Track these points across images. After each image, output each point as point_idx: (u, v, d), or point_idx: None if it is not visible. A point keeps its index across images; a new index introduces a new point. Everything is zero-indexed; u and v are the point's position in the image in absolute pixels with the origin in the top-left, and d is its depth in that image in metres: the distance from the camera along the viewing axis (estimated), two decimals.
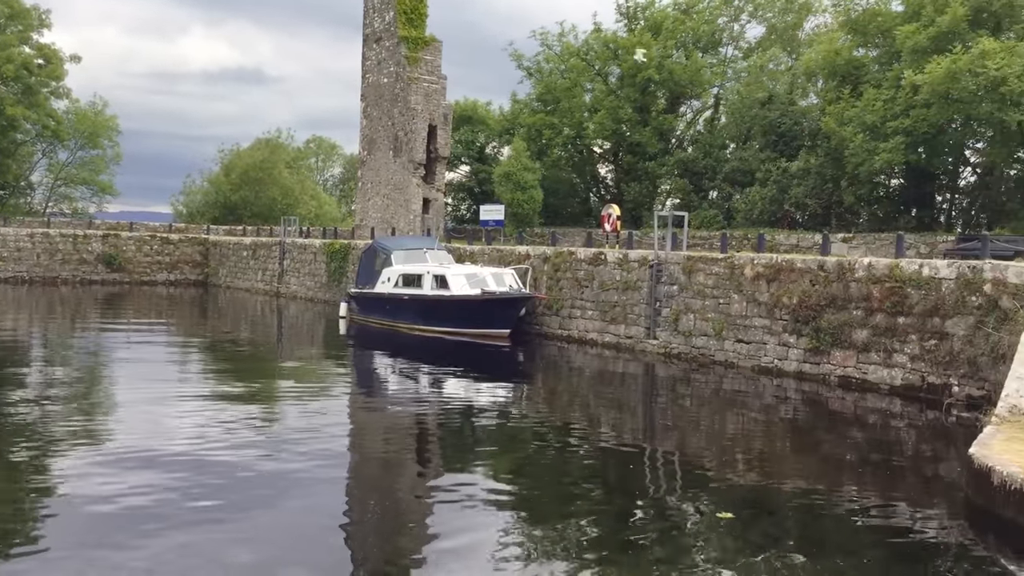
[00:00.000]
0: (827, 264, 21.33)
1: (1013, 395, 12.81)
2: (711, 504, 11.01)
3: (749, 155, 44.23)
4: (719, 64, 52.45)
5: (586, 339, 27.51)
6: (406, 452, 13.99)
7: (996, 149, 36.11)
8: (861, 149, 35.88)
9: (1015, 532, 9.50)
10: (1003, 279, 17.56)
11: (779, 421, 17.36)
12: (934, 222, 39.69)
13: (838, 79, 40.65)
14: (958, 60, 31.92)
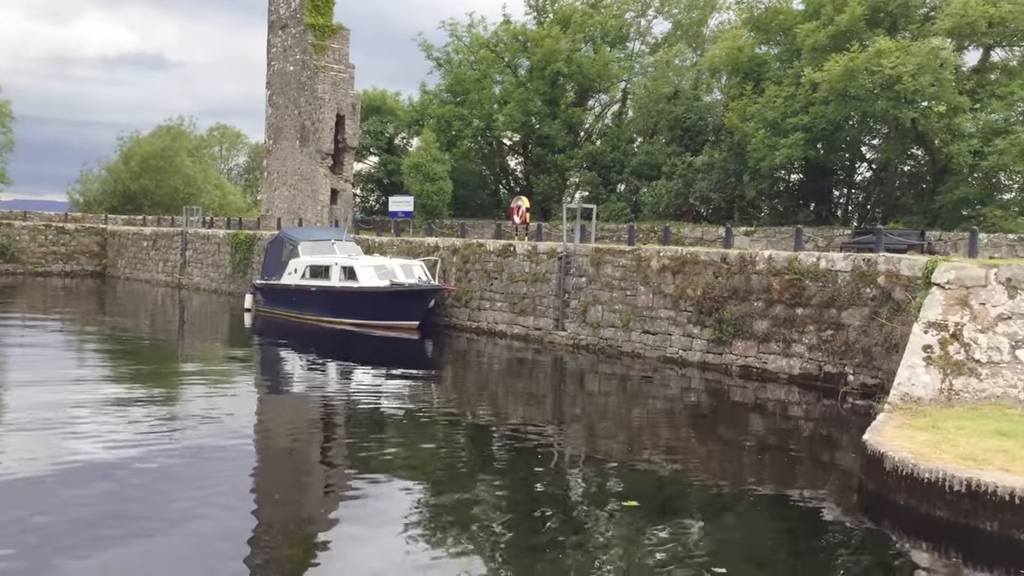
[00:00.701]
0: (730, 257, 21.82)
1: (905, 383, 13.33)
2: (616, 492, 11.17)
3: (656, 149, 44.92)
4: (627, 59, 53.07)
5: (495, 331, 27.58)
6: (313, 447, 13.82)
7: (891, 146, 37.45)
8: (762, 145, 36.78)
9: (906, 515, 9.90)
10: (896, 271, 18.22)
11: (683, 410, 17.71)
12: (832, 216, 40.95)
13: (741, 76, 41.57)
14: (855, 58, 32.95)
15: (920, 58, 32.08)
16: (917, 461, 9.95)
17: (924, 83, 32.04)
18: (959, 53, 35.60)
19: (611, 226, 39.90)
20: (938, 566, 9.07)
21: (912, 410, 12.66)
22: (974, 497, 9.27)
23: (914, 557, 9.36)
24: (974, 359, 13.30)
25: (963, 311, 13.81)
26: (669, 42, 51.84)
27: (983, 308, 13.74)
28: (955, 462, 9.84)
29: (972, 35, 34.63)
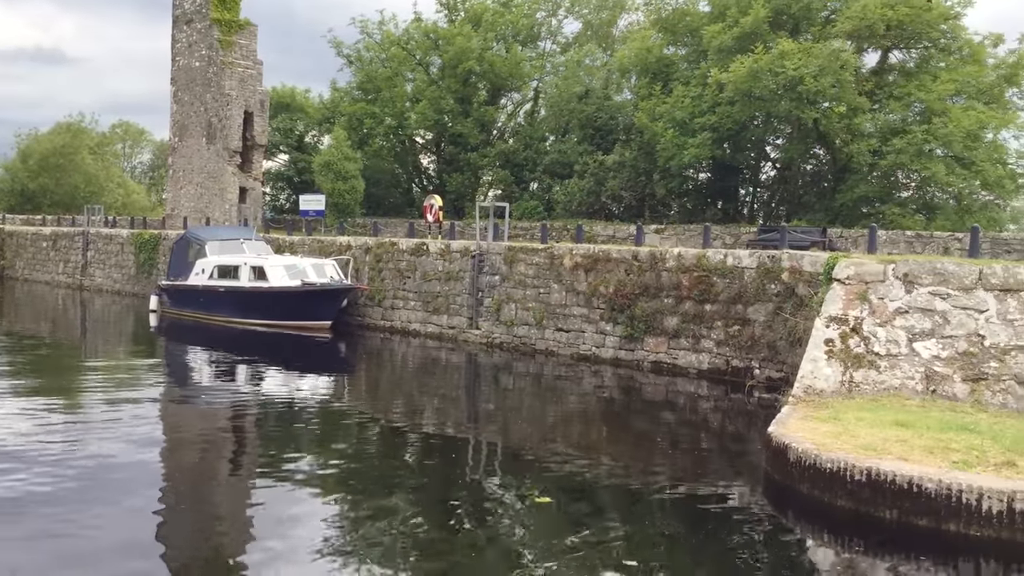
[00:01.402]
0: (641, 254, 22.14)
1: (808, 376, 13.72)
2: (531, 489, 11.24)
3: (568, 148, 45.26)
4: (538, 58, 53.36)
5: (409, 330, 27.46)
6: (222, 451, 13.56)
7: (793, 145, 38.47)
8: (671, 144, 37.39)
9: (809, 504, 10.20)
10: (799, 268, 18.75)
11: (596, 406, 17.92)
12: (738, 214, 41.88)
13: (650, 76, 42.17)
14: (760, 60, 33.75)
15: (821, 60, 33.03)
16: (819, 452, 10.26)
17: (825, 84, 33.01)
18: (858, 55, 36.80)
19: (524, 224, 40.08)
20: (840, 554, 9.37)
21: (815, 402, 13.04)
22: (874, 486, 9.60)
23: (817, 545, 9.66)
24: (873, 352, 13.76)
25: (862, 306, 14.28)
26: (580, 42, 52.31)
27: (881, 302, 14.23)
28: (855, 452, 10.17)
29: (871, 37, 35.81)
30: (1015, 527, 8.83)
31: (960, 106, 33.90)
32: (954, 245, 27.84)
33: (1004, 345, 13.21)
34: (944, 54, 36.62)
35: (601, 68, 48.63)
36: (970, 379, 13.09)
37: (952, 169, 32.90)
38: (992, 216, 34.41)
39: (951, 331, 13.62)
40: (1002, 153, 35.15)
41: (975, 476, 9.34)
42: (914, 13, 34.21)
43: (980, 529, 8.94)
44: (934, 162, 32.79)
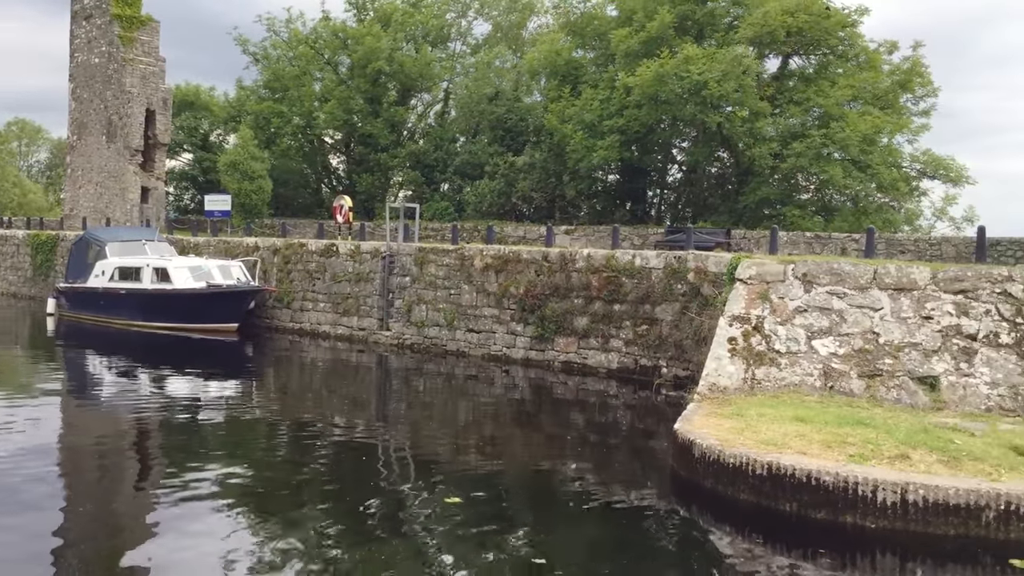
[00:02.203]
0: (551, 255, 22.34)
1: (712, 374, 14.05)
2: (441, 490, 11.25)
3: (478, 149, 45.36)
4: (448, 59, 53.35)
5: (319, 332, 27.16)
6: (123, 459, 13.18)
7: (699, 148, 39.29)
8: (581, 146, 37.81)
9: (713, 499, 10.46)
10: (704, 268, 19.18)
11: (507, 407, 18.01)
12: (646, 215, 42.58)
13: (559, 78, 42.58)
14: (665, 64, 34.40)
15: (724, 65, 33.82)
16: (723, 447, 10.52)
17: (728, 89, 33.80)
18: (760, 61, 37.78)
19: (435, 225, 40.02)
20: (742, 546, 9.62)
21: (719, 399, 13.37)
22: (775, 480, 9.89)
23: (720, 539, 9.91)
24: (774, 350, 14.17)
25: (764, 305, 14.68)
26: (489, 44, 52.49)
27: (782, 302, 14.66)
28: (757, 447, 10.47)
29: (772, 44, 36.82)
30: (908, 518, 9.19)
31: (857, 111, 35.13)
32: (851, 246, 28.81)
33: (897, 342, 13.74)
34: (842, 60, 37.91)
35: (511, 70, 48.90)
36: (866, 375, 13.57)
37: (849, 172, 34.08)
38: (887, 218, 35.74)
39: (847, 329, 14.11)
40: (896, 157, 36.54)
41: (870, 469, 9.70)
42: (813, 20, 35.31)
43: (875, 520, 9.29)
44: (832, 165, 33.89)
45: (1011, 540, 8.88)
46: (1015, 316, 13.48)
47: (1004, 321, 13.50)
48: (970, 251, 24.82)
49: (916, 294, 14.10)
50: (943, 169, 36.63)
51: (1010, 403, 12.74)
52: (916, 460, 9.96)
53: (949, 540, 8.99)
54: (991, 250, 25.41)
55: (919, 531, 9.10)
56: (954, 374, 13.23)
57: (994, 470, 9.69)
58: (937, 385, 13.19)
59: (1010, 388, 12.88)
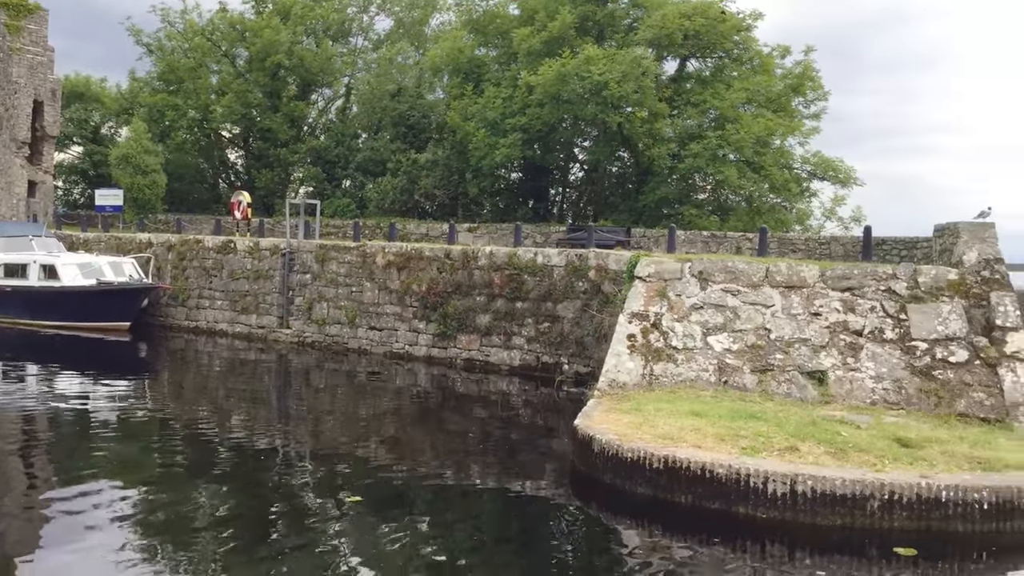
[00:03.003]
0: (453, 253, 22.35)
1: (612, 370, 14.28)
2: (342, 489, 11.16)
3: (381, 145, 45.00)
4: (349, 54, 52.72)
5: (216, 330, 26.60)
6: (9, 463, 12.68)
7: (600, 148, 39.75)
8: (483, 144, 37.86)
9: (612, 493, 10.65)
10: (605, 266, 19.47)
11: (409, 404, 17.96)
12: (549, 213, 42.89)
13: (462, 76, 42.51)
14: (567, 64, 34.69)
15: (624, 66, 34.31)
16: (621, 442, 10.72)
17: (628, 90, 34.30)
18: (659, 63, 38.43)
19: (336, 222, 39.55)
20: (640, 538, 9.83)
21: (618, 395, 13.60)
22: (671, 473, 10.12)
23: (619, 531, 10.09)
24: (671, 346, 14.48)
25: (662, 302, 14.99)
26: (392, 39, 52.08)
27: (679, 299, 14.99)
28: (654, 441, 10.69)
29: (670, 46, 37.49)
30: (797, 508, 9.52)
31: (751, 113, 36.05)
32: (746, 244, 29.58)
33: (788, 338, 14.21)
34: (736, 64, 38.84)
35: (413, 67, 48.62)
36: (758, 370, 13.99)
37: (744, 173, 34.98)
38: (780, 217, 36.80)
39: (741, 325, 14.51)
40: (788, 158, 37.64)
41: (761, 461, 10.01)
42: (709, 24, 36.10)
43: (766, 511, 9.60)
44: (727, 166, 34.73)
45: (895, 528, 9.28)
46: (899, 312, 14.08)
47: (888, 317, 14.08)
48: (857, 250, 25.77)
49: (806, 291, 14.59)
50: (832, 171, 37.88)
51: (894, 396, 13.30)
52: (805, 452, 10.33)
53: (836, 529, 9.35)
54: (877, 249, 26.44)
55: (807, 521, 9.44)
56: (841, 369, 13.74)
57: (878, 461, 10.12)
58: (825, 379, 13.68)
59: (894, 382, 13.45)
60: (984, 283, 14.26)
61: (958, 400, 13.00)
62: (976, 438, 11.35)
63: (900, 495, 9.35)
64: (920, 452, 10.50)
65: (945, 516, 9.30)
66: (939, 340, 13.67)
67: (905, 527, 9.28)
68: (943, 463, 10.13)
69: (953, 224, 16.33)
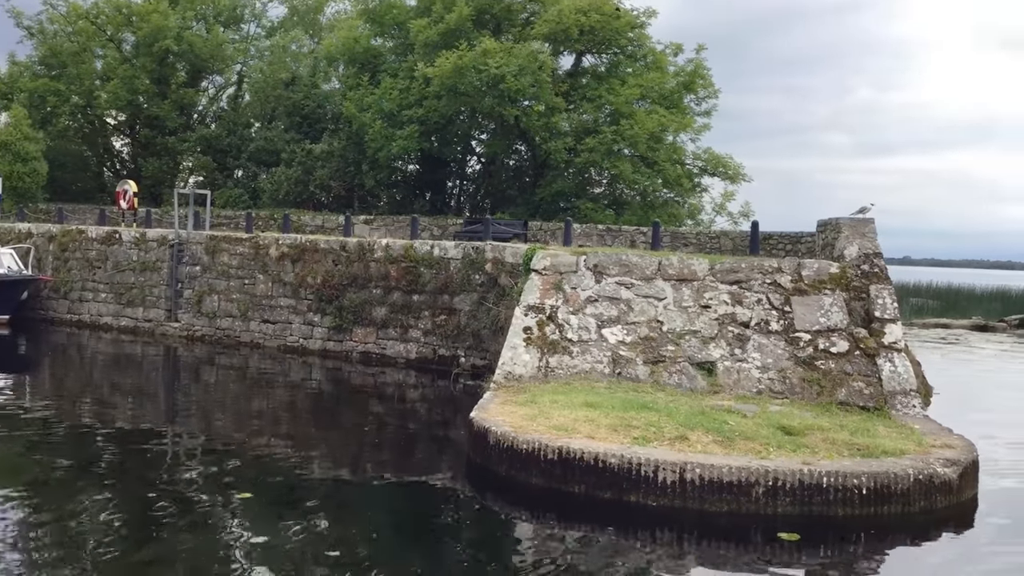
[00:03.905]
0: (349, 245, 22.13)
1: (508, 363, 14.37)
2: (232, 485, 10.94)
3: (274, 135, 44.16)
4: (242, 41, 51.53)
5: (100, 323, 25.72)
6: None
7: (497, 141, 39.89)
8: (379, 135, 37.54)
9: (507, 484, 10.72)
10: (501, 259, 19.56)
11: (303, 398, 17.72)
12: (446, 206, 42.81)
13: (358, 66, 42.05)
14: (464, 57, 34.66)
15: (521, 60, 34.48)
16: (516, 434, 10.80)
17: (525, 84, 34.49)
18: (555, 57, 38.74)
19: (228, 213, 38.67)
20: (534, 528, 9.93)
21: (514, 387, 13.70)
22: (565, 463, 10.25)
23: (515, 522, 10.17)
24: (567, 338, 14.65)
25: (557, 295, 15.15)
26: (286, 27, 51.10)
27: (574, 292, 15.17)
28: (549, 433, 10.81)
29: (566, 41, 37.84)
30: (686, 495, 9.75)
31: (644, 110, 36.68)
32: (640, 238, 30.10)
33: (679, 330, 14.54)
34: (631, 60, 39.43)
35: (308, 55, 47.85)
36: (650, 361, 14.28)
37: (638, 168, 35.60)
38: (672, 212, 37.57)
39: (634, 318, 14.78)
40: (680, 154, 38.44)
41: (652, 450, 10.23)
42: (604, 20, 36.55)
43: (657, 499, 9.81)
44: (622, 161, 35.28)
45: (779, 514, 9.59)
46: (783, 305, 14.56)
47: (774, 309, 14.55)
48: (746, 244, 26.52)
49: (696, 284, 14.95)
50: (722, 167, 38.86)
51: (779, 386, 13.75)
52: (694, 441, 10.59)
53: (723, 515, 9.61)
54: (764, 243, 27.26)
55: (696, 507, 9.68)
56: (729, 359, 14.14)
57: (764, 449, 10.45)
58: (714, 370, 14.06)
59: (779, 372, 13.90)
60: (864, 276, 14.86)
61: (839, 389, 13.53)
62: (856, 426, 11.83)
63: (784, 481, 9.68)
64: (803, 440, 10.89)
65: (826, 501, 9.66)
66: (821, 331, 14.19)
67: (789, 512, 9.60)
68: (824, 450, 10.53)
69: (835, 220, 16.96)
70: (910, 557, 9.40)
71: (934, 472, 10.12)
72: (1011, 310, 41.34)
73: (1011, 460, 13.25)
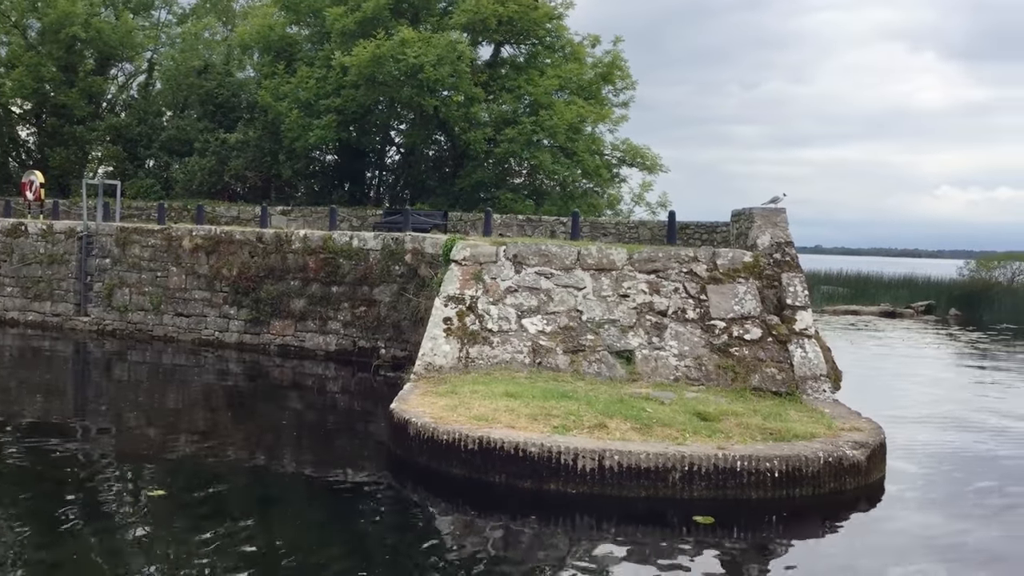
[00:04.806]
0: (265, 236, 21.79)
1: (428, 354, 14.34)
2: (144, 483, 10.71)
3: (187, 124, 43.18)
4: (152, 28, 50.23)
5: (5, 319, 24.86)
6: None
7: (416, 131, 39.66)
8: (296, 125, 37.01)
9: (428, 475, 10.72)
10: (421, 250, 19.48)
11: (219, 393, 17.41)
12: (365, 197, 42.44)
13: (273, 54, 41.35)
14: (382, 46, 34.35)
15: (440, 50, 34.34)
16: (437, 425, 10.79)
17: (443, 74, 34.37)
18: (474, 48, 38.68)
19: (140, 204, 37.71)
20: (455, 519, 9.95)
21: (435, 378, 13.68)
22: (485, 453, 10.28)
23: (435, 513, 10.17)
24: (487, 329, 14.68)
25: (477, 285, 15.16)
26: (198, 14, 49.97)
27: (494, 282, 15.20)
28: (469, 423, 10.83)
29: (485, 31, 37.78)
30: (605, 482, 9.88)
31: (563, 101, 36.88)
32: (560, 228, 30.31)
33: (599, 319, 14.69)
34: (549, 51, 39.59)
35: (222, 43, 46.87)
36: (570, 351, 14.40)
37: (557, 158, 35.82)
38: (592, 202, 37.92)
39: (554, 307, 14.88)
40: (599, 145, 38.80)
41: (572, 439, 10.33)
42: (522, 11, 36.60)
43: (576, 487, 9.91)
44: (542, 152, 35.46)
45: (695, 498, 9.79)
46: (699, 293, 14.83)
47: (690, 298, 14.80)
48: (663, 234, 26.91)
49: (615, 274, 15.12)
50: (640, 158, 39.35)
51: (695, 373, 14.00)
52: (613, 428, 10.73)
53: (641, 501, 9.77)
54: (681, 233, 27.71)
55: (615, 494, 9.82)
56: (647, 348, 14.34)
57: (680, 434, 10.64)
58: (633, 358, 14.25)
59: (695, 359, 14.16)
60: (776, 265, 15.22)
61: (753, 375, 13.84)
62: (768, 410, 12.12)
63: (699, 466, 9.87)
64: (718, 425, 11.12)
65: (740, 484, 9.89)
66: (736, 319, 14.49)
67: (704, 496, 9.80)
68: (738, 435, 10.77)
69: (748, 210, 17.33)
70: (820, 537, 9.68)
71: (843, 455, 10.44)
72: (917, 297, 42.81)
73: (917, 441, 13.74)
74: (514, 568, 8.31)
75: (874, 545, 9.19)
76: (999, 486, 11.48)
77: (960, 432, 14.81)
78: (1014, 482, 11.72)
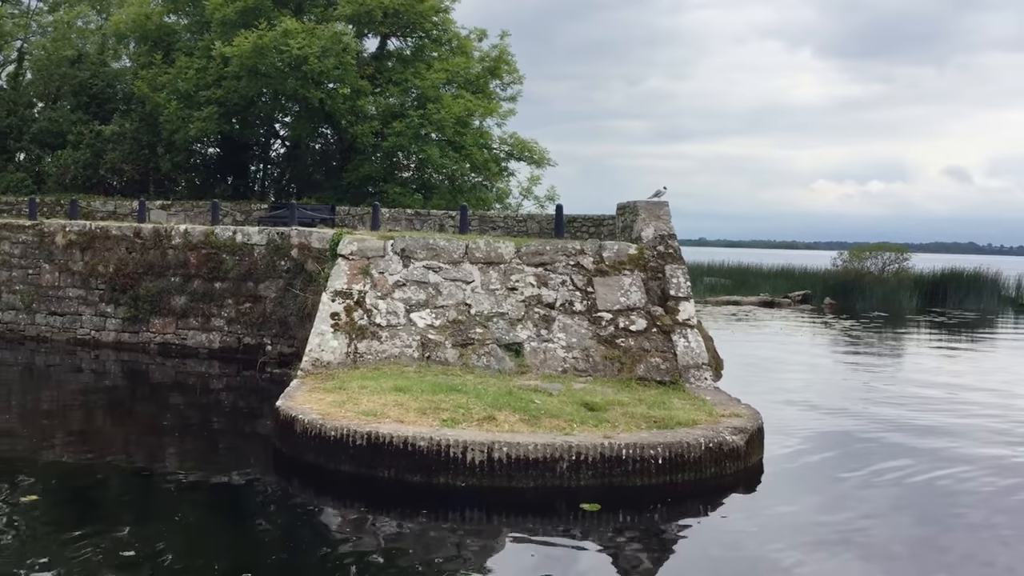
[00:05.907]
0: (144, 231, 21.13)
1: (315, 350, 14.17)
2: (15, 489, 10.26)
3: (60, 116, 41.45)
4: (22, 16, 48.00)
5: None
6: None
7: (302, 124, 39.04)
8: (176, 116, 35.99)
9: (316, 472, 10.60)
10: (308, 244, 19.21)
11: (96, 394, 16.79)
12: (249, 190, 41.57)
13: (150, 44, 40.07)
14: (264, 37, 33.67)
15: (325, 41, 33.87)
16: (324, 421, 10.68)
17: (329, 66, 33.92)
18: (360, 40, 38.28)
19: (9, 199, 35.98)
20: (344, 515, 9.86)
21: (322, 374, 13.52)
22: (374, 448, 10.22)
23: (324, 510, 10.06)
24: (376, 323, 14.58)
25: (365, 280, 15.04)
26: (70, 2, 47.97)
27: (382, 277, 15.11)
28: (358, 418, 10.75)
29: (370, 23, 37.44)
30: (494, 474, 9.95)
31: (451, 94, 36.87)
32: (449, 222, 30.30)
33: (487, 313, 14.76)
34: (436, 45, 39.51)
35: (96, 32, 45.15)
36: (459, 344, 14.43)
37: (445, 152, 35.78)
38: (480, 196, 38.04)
39: (443, 301, 14.89)
40: (487, 139, 38.93)
41: (461, 432, 10.36)
42: (407, 3, 36.40)
43: (465, 479, 9.95)
44: (430, 145, 35.36)
45: (581, 487, 9.95)
46: (586, 286, 15.05)
47: (577, 291, 15.01)
48: (551, 227, 27.17)
49: (503, 267, 15.22)
50: (528, 152, 39.64)
51: (583, 364, 14.21)
52: (501, 420, 10.81)
53: (529, 491, 9.87)
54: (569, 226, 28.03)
55: (504, 485, 9.90)
56: (536, 340, 14.49)
57: (568, 425, 10.79)
58: (521, 351, 14.37)
59: (582, 351, 14.37)
60: (660, 257, 15.57)
61: (638, 365, 14.13)
62: (653, 399, 12.41)
63: (586, 455, 10.04)
64: (604, 415, 11.32)
65: (625, 472, 10.09)
66: (622, 311, 14.77)
67: (591, 484, 9.97)
68: (624, 424, 10.99)
69: (632, 203, 17.65)
70: (702, 519, 9.97)
71: (723, 440, 10.77)
72: (795, 287, 44.45)
73: (793, 425, 14.26)
74: (405, 563, 8.29)
75: (753, 526, 9.52)
76: (866, 465, 12.02)
77: (832, 416, 15.44)
78: (880, 459, 12.30)
